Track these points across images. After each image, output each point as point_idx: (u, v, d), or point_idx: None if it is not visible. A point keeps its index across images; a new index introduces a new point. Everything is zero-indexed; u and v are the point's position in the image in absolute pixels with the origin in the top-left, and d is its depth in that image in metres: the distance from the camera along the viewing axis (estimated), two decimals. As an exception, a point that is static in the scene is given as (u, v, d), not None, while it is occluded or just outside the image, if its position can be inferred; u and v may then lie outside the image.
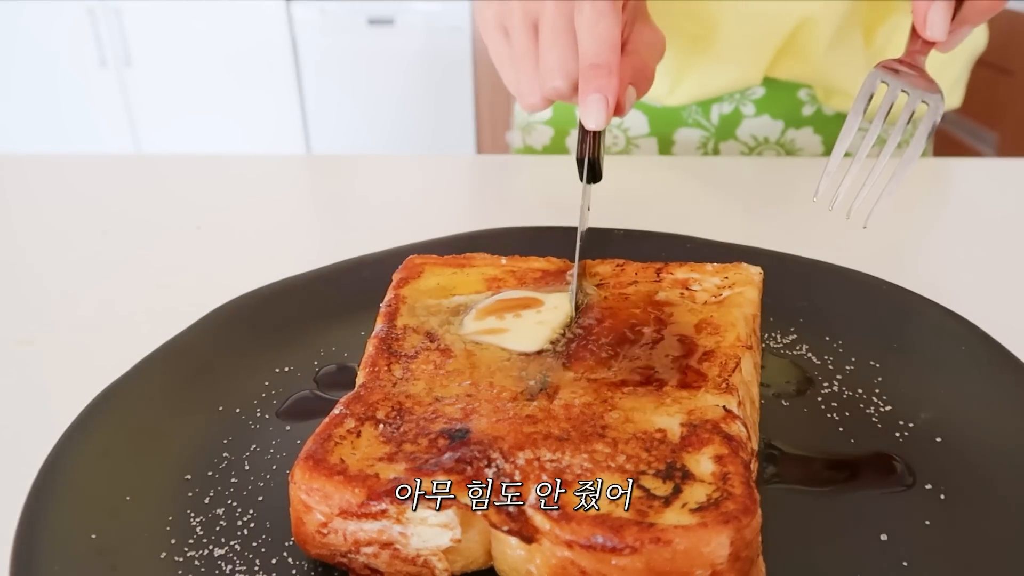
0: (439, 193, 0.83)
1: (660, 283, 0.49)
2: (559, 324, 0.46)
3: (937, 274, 0.63)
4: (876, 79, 0.49)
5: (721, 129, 0.92)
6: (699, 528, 0.31)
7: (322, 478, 0.35)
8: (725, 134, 0.92)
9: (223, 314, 0.53)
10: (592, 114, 0.51)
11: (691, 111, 0.91)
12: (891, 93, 0.48)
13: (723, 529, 0.31)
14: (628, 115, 0.93)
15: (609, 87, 0.51)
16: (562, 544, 0.32)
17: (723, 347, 0.43)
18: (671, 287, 0.49)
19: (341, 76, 2.93)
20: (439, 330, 0.46)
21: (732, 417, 0.38)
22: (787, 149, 0.92)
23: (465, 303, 0.48)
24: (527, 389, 0.41)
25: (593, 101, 0.51)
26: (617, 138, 0.95)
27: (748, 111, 0.91)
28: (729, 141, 0.92)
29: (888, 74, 0.49)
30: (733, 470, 0.35)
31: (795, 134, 0.92)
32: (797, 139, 0.92)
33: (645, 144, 0.94)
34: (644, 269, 0.51)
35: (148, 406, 0.45)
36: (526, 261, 0.52)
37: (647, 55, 0.57)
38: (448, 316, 0.47)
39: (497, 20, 0.58)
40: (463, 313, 0.47)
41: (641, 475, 0.35)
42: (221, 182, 0.85)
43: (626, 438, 0.37)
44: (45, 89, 2.86)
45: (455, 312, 0.47)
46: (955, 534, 0.37)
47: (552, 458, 0.36)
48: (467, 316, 0.46)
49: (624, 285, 0.49)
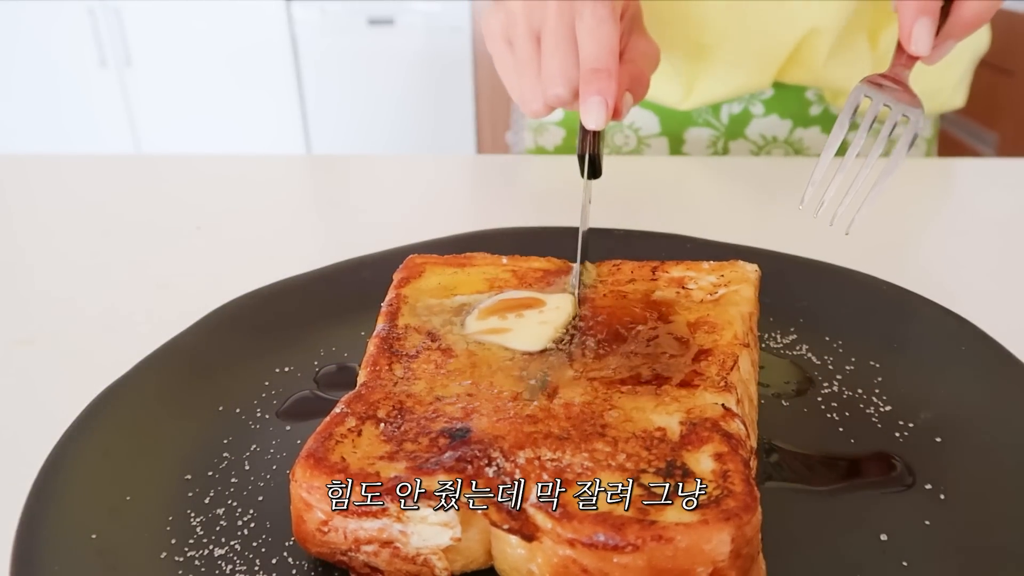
0: (439, 193, 0.83)
1: (656, 281, 0.49)
2: (562, 324, 0.46)
3: (937, 274, 0.63)
4: (860, 94, 0.50)
5: (731, 128, 0.93)
6: (700, 525, 0.31)
7: (323, 476, 0.35)
8: (735, 133, 0.94)
9: (223, 314, 0.53)
10: (592, 115, 0.54)
11: (701, 111, 0.93)
12: (874, 107, 0.50)
13: (724, 526, 0.31)
14: (639, 115, 0.95)
15: (609, 90, 0.53)
16: (564, 543, 0.32)
17: (721, 345, 0.43)
18: (667, 286, 0.49)
19: (341, 76, 2.93)
20: (440, 330, 0.46)
21: (731, 415, 0.38)
22: (795, 148, 0.94)
23: (467, 303, 0.48)
24: (528, 389, 0.41)
25: (594, 103, 0.53)
26: (628, 138, 0.96)
27: (757, 111, 0.92)
28: (739, 140, 0.94)
29: (872, 88, 0.50)
30: (733, 468, 0.35)
31: (803, 133, 0.93)
32: (805, 138, 0.93)
33: (656, 143, 0.95)
34: (640, 268, 0.51)
35: (148, 406, 0.45)
36: (527, 261, 0.52)
37: (643, 64, 0.59)
38: (450, 316, 0.47)
39: (502, 31, 0.60)
40: (465, 313, 0.47)
41: (641, 473, 0.35)
42: (221, 182, 0.85)
43: (626, 437, 0.37)
44: (45, 89, 2.85)
45: (457, 312, 0.47)
46: (955, 534, 0.37)
47: (553, 457, 0.36)
48: (469, 316, 0.47)
49: (621, 284, 0.49)
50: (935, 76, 0.86)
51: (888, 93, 0.50)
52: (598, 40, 0.54)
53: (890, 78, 0.51)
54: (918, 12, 0.49)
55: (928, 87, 0.87)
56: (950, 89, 0.90)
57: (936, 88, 0.89)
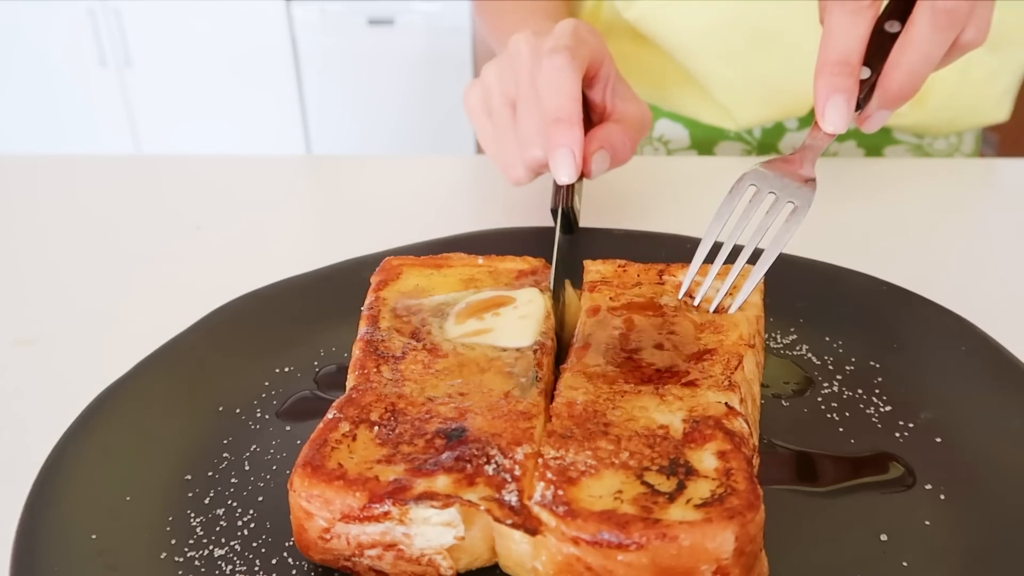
0: (439, 193, 0.82)
1: (663, 285, 0.49)
2: (541, 317, 0.46)
3: (936, 274, 0.63)
4: (746, 183, 0.48)
5: (763, 142, 0.92)
6: (704, 524, 0.32)
7: (321, 484, 0.35)
8: (767, 148, 0.92)
9: (223, 314, 0.53)
10: (561, 168, 0.53)
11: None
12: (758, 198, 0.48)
13: (728, 524, 0.32)
14: (669, 128, 0.94)
15: (572, 139, 0.53)
16: (568, 540, 0.32)
17: (726, 345, 0.43)
18: (674, 290, 0.49)
19: (341, 76, 2.93)
20: (423, 330, 0.46)
21: (734, 413, 0.38)
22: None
23: (445, 302, 0.48)
24: (518, 386, 0.41)
25: (560, 155, 0.53)
26: (657, 150, 0.96)
27: (791, 125, 0.91)
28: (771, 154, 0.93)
29: (760, 177, 0.48)
30: (736, 466, 0.35)
31: (837, 146, 0.92)
32: (841, 150, 0.92)
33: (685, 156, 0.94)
34: (646, 271, 0.51)
35: (148, 406, 0.45)
36: (502, 261, 0.52)
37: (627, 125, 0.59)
38: (428, 316, 0.47)
39: (481, 103, 0.61)
40: (443, 317, 0.47)
41: (645, 471, 0.35)
42: (221, 182, 0.85)
43: (629, 435, 0.37)
44: (45, 89, 2.85)
45: (436, 313, 0.47)
46: (955, 534, 0.37)
47: (556, 455, 0.36)
48: (447, 321, 0.47)
49: (627, 286, 0.49)
50: (976, 90, 0.84)
51: (776, 180, 0.48)
52: (556, 89, 0.54)
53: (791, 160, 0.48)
54: (830, 90, 0.46)
55: (968, 102, 0.85)
56: (993, 102, 0.86)
57: (976, 103, 0.86)
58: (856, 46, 0.46)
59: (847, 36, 0.46)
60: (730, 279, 0.47)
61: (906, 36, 0.47)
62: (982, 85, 0.85)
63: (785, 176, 0.48)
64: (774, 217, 0.47)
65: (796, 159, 0.49)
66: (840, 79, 0.46)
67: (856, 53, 0.47)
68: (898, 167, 0.85)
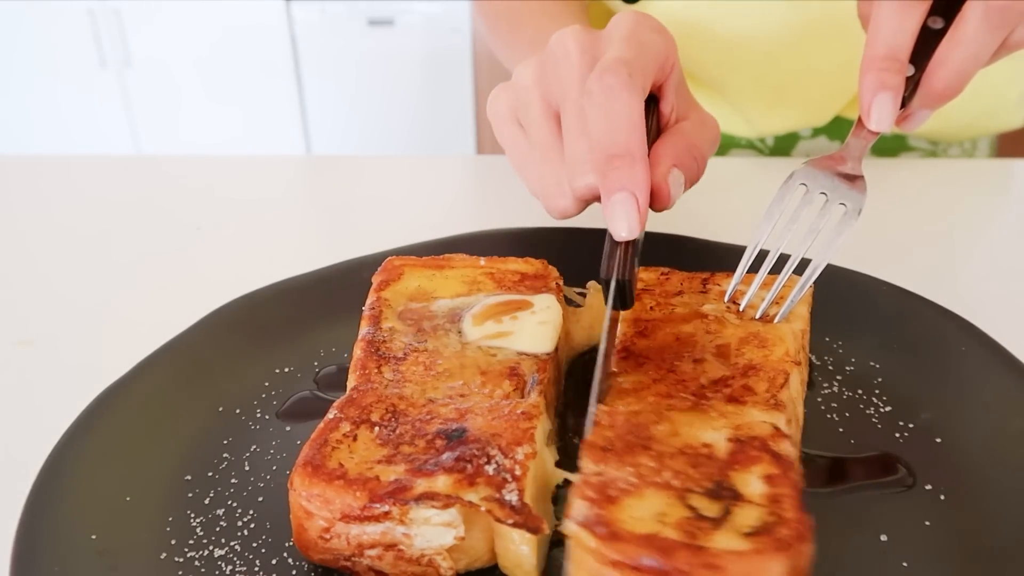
0: (439, 193, 0.82)
1: (706, 294, 0.48)
2: (558, 323, 0.46)
3: (936, 274, 0.63)
4: (796, 182, 0.47)
5: (776, 149, 0.91)
6: (753, 555, 0.30)
7: (322, 483, 0.35)
8: (779, 155, 0.91)
9: (223, 314, 0.53)
10: (620, 218, 0.40)
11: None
12: (808, 197, 0.46)
13: (778, 556, 0.30)
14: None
15: (635, 179, 0.40)
16: (607, 564, 0.31)
17: (771, 361, 0.42)
18: (718, 298, 0.48)
19: (341, 76, 2.93)
20: (428, 332, 0.46)
21: (781, 435, 0.37)
22: None
23: (456, 307, 0.48)
24: (520, 387, 0.41)
25: (618, 202, 0.40)
26: None
27: (805, 133, 0.90)
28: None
29: (810, 175, 0.47)
30: (784, 492, 0.33)
31: None
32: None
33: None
34: (690, 279, 0.50)
35: (148, 406, 0.45)
36: (504, 262, 0.52)
37: (696, 136, 0.48)
38: (442, 322, 0.47)
39: (511, 113, 0.50)
40: (458, 320, 0.47)
41: (688, 493, 0.33)
42: (221, 182, 0.85)
43: (671, 452, 0.35)
44: (45, 89, 2.85)
45: (450, 319, 0.47)
46: (955, 534, 0.37)
47: (596, 471, 0.34)
48: (464, 323, 0.46)
49: (669, 295, 0.48)
50: (993, 95, 0.83)
51: (827, 180, 0.46)
52: (612, 117, 0.41)
53: (837, 158, 0.47)
54: (877, 87, 0.44)
55: (985, 107, 0.84)
56: (1010, 107, 0.85)
57: (993, 109, 0.85)
58: (905, 42, 0.45)
59: (897, 31, 0.44)
60: (776, 287, 0.45)
61: (955, 33, 0.45)
62: (998, 91, 0.83)
63: (835, 175, 0.47)
64: (825, 219, 0.45)
65: (842, 157, 0.47)
66: (888, 75, 0.44)
67: (905, 49, 0.45)
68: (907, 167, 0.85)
